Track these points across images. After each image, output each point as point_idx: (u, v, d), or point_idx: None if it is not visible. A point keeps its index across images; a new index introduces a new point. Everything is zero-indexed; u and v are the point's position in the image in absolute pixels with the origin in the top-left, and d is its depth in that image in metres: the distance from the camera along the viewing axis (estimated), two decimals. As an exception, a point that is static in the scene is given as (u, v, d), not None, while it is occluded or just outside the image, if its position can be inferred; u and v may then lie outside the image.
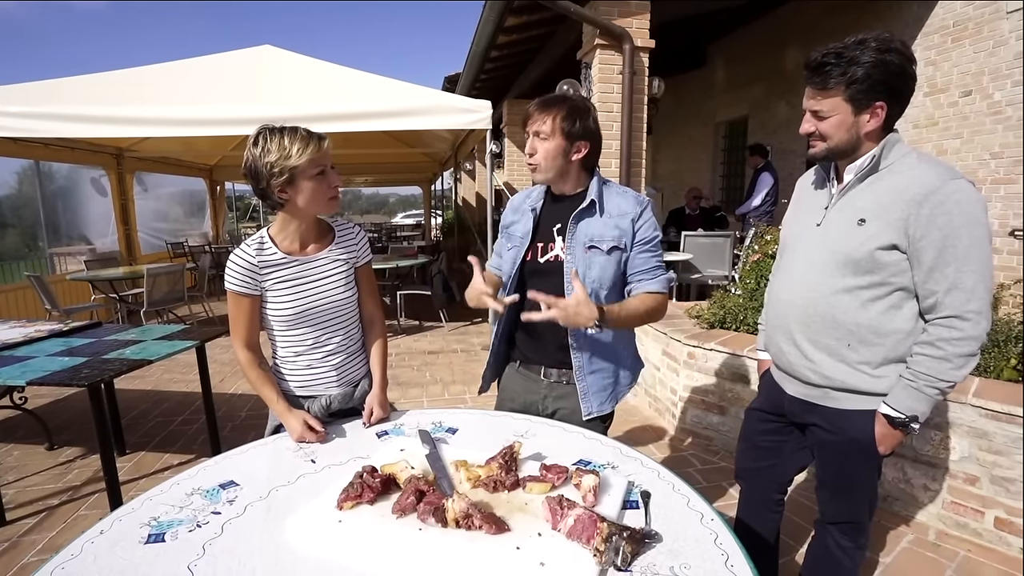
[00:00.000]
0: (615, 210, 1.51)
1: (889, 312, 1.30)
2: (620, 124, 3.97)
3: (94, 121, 4.16)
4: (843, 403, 1.38)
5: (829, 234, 1.34)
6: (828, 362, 1.37)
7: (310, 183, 1.38)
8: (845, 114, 1.26)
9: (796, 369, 1.45)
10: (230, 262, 1.42)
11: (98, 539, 1.00)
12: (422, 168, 11.37)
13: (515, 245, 1.61)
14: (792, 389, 1.50)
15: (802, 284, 1.40)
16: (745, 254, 4.09)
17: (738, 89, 7.73)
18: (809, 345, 1.40)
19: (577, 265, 1.50)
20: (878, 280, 1.28)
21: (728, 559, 0.90)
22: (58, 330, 2.86)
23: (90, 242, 8.02)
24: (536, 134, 1.46)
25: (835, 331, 1.35)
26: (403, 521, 1.01)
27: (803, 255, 1.42)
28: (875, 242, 1.25)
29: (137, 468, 2.99)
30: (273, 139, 1.34)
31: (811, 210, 1.44)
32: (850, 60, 1.21)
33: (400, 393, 4.11)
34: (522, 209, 1.63)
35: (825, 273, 1.34)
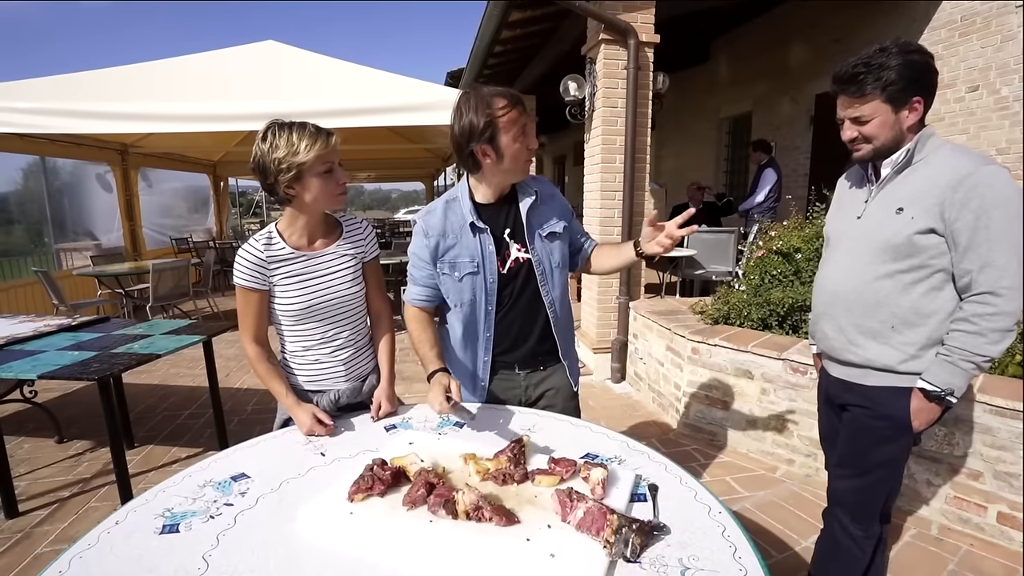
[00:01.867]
0: (546, 195, 1.59)
1: (930, 294, 1.36)
2: (624, 120, 3.95)
3: (100, 117, 4.16)
4: (882, 381, 1.44)
5: (869, 225, 1.42)
6: (872, 344, 1.44)
7: (317, 180, 1.38)
8: (886, 114, 1.34)
9: (839, 352, 1.52)
10: (239, 257, 1.43)
11: (114, 529, 1.01)
12: (425, 164, 11.37)
13: (468, 272, 1.51)
14: (835, 371, 1.57)
15: (846, 273, 1.48)
16: (749, 250, 4.08)
17: (742, 85, 7.69)
18: (853, 329, 1.46)
19: (541, 256, 1.54)
20: (918, 263, 1.35)
21: (736, 551, 0.91)
22: (67, 325, 2.89)
23: (96, 238, 8.03)
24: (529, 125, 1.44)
25: (878, 314, 1.41)
26: (414, 513, 1.02)
27: (846, 247, 1.50)
28: (913, 227, 1.32)
29: (146, 461, 3.02)
30: (281, 135, 1.35)
31: (852, 206, 1.52)
32: (880, 66, 1.30)
33: (405, 388, 4.13)
34: (453, 231, 1.50)
35: (866, 261, 1.42)
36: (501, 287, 1.53)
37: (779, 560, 2.13)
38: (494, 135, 1.37)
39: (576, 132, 4.54)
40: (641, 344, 3.93)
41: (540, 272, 1.54)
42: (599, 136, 4.05)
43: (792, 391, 2.76)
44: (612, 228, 4.13)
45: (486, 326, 1.56)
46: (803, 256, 3.31)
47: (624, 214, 4.07)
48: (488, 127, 1.36)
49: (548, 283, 1.56)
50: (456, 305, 1.56)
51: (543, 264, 1.54)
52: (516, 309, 1.56)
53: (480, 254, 1.50)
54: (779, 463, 2.85)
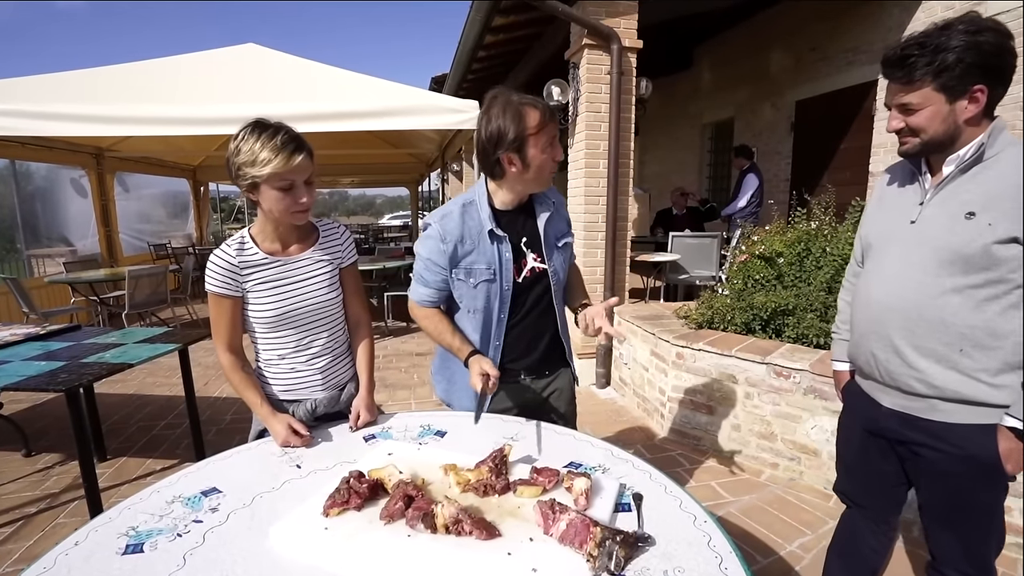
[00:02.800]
0: (559, 203, 1.60)
1: (1008, 312, 1.17)
2: (608, 124, 3.96)
3: (73, 120, 4.05)
4: (954, 416, 1.23)
5: (929, 231, 1.23)
6: (936, 370, 1.23)
7: (274, 193, 1.33)
8: (938, 104, 1.16)
9: (896, 378, 1.30)
10: (210, 263, 1.39)
11: (72, 551, 0.96)
12: (409, 169, 11.30)
13: (483, 279, 1.48)
14: (889, 401, 1.35)
15: (900, 286, 1.27)
16: (732, 255, 4.11)
17: (724, 91, 7.79)
18: (912, 351, 1.25)
19: (557, 267, 1.56)
20: (995, 277, 1.16)
21: (722, 561, 0.89)
22: (34, 333, 2.79)
23: (70, 244, 7.84)
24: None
25: (944, 335, 1.21)
26: (391, 527, 0.99)
27: (898, 255, 1.29)
28: (991, 236, 1.14)
29: (118, 474, 2.92)
30: (248, 140, 1.30)
31: (900, 207, 1.33)
32: (936, 48, 1.12)
33: (388, 395, 4.07)
34: (471, 236, 1.47)
35: (928, 272, 1.22)
36: (515, 296, 1.52)
37: (764, 565, 2.12)
38: (522, 145, 1.36)
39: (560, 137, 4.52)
40: (626, 349, 3.92)
41: (555, 282, 1.56)
42: (583, 141, 4.05)
43: (776, 395, 2.77)
44: (596, 232, 4.13)
45: (496, 334, 1.54)
46: (785, 260, 3.33)
47: (608, 219, 4.08)
48: (518, 138, 1.35)
49: (559, 294, 1.59)
50: (469, 311, 1.53)
51: (558, 274, 1.56)
52: (528, 319, 1.56)
53: (498, 261, 1.47)
54: (763, 467, 2.85)
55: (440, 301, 1.57)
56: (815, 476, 2.67)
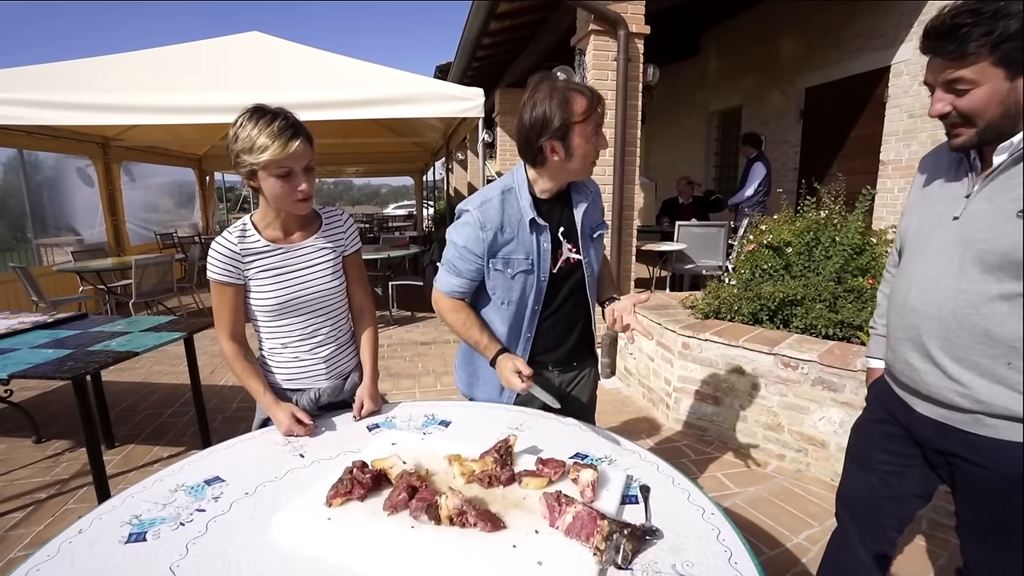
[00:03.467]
0: (595, 193, 1.56)
1: None
2: (614, 112, 3.91)
3: (78, 108, 4.05)
4: (1001, 432, 1.12)
5: (974, 229, 1.10)
6: (980, 383, 1.12)
7: (273, 180, 1.31)
8: (997, 81, 0.98)
9: (934, 390, 1.19)
10: (212, 250, 1.38)
11: (76, 539, 0.96)
12: (413, 158, 11.26)
13: (521, 270, 1.44)
14: (925, 409, 1.24)
15: (939, 290, 1.15)
16: (739, 244, 4.07)
17: (731, 79, 7.68)
18: (952, 363, 1.14)
19: (591, 259, 1.53)
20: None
21: (731, 556, 0.88)
22: (42, 322, 2.80)
23: (77, 233, 7.87)
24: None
25: (989, 347, 1.09)
26: (394, 518, 0.98)
27: (937, 255, 1.17)
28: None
29: (126, 461, 2.94)
30: (246, 127, 1.28)
31: (943, 200, 1.19)
32: (994, 14, 0.95)
33: (392, 384, 4.07)
34: (511, 225, 1.42)
35: (971, 277, 1.10)
36: (549, 287, 1.49)
37: (771, 557, 2.11)
38: (567, 133, 1.32)
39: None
40: (632, 339, 3.90)
41: (589, 274, 1.53)
42: (589, 129, 4.00)
43: (783, 386, 2.75)
44: (602, 222, 4.10)
45: (529, 326, 1.51)
46: (794, 250, 3.29)
47: (614, 207, 4.04)
48: (564, 125, 1.31)
49: (593, 285, 1.56)
50: (502, 302, 1.49)
51: (592, 266, 1.53)
52: (561, 311, 1.54)
53: (536, 252, 1.44)
54: (770, 458, 2.84)
55: (470, 293, 1.51)
56: (822, 468, 2.66)
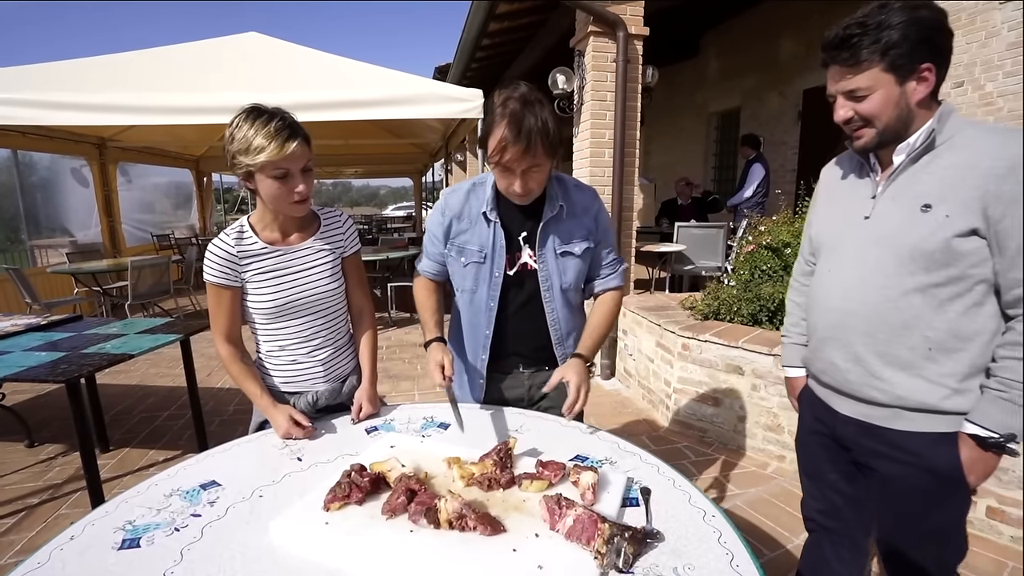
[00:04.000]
0: (579, 208, 1.47)
1: (971, 311, 1.09)
2: (614, 113, 3.91)
3: (74, 108, 4.02)
4: (918, 424, 1.15)
5: (885, 227, 1.14)
6: (902, 378, 1.14)
7: (270, 182, 1.28)
8: (888, 86, 1.07)
9: (855, 387, 1.22)
10: (209, 252, 1.36)
11: (68, 545, 0.94)
12: (412, 159, 11.25)
13: (473, 260, 1.46)
14: (847, 408, 1.26)
15: (860, 288, 1.18)
16: (738, 245, 4.06)
17: (730, 80, 7.69)
18: (877, 360, 1.17)
19: (550, 272, 1.47)
20: (956, 274, 1.07)
21: (733, 558, 0.87)
22: (35, 324, 2.77)
23: (72, 234, 7.83)
24: (527, 172, 1.30)
25: (909, 339, 1.12)
26: (393, 522, 0.96)
27: (854, 255, 1.20)
28: (950, 229, 1.05)
29: (121, 465, 2.92)
30: (243, 127, 1.26)
31: (852, 203, 1.23)
32: (878, 25, 1.05)
33: (391, 386, 4.06)
34: (469, 215, 1.46)
35: (887, 272, 1.13)
36: (506, 287, 1.47)
37: (771, 558, 2.10)
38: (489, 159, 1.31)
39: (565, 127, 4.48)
40: (631, 340, 3.89)
41: (546, 288, 1.48)
42: (588, 130, 4.00)
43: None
44: (601, 223, 4.08)
45: (487, 322, 1.50)
46: (792, 251, 3.28)
47: (614, 209, 4.03)
48: (485, 153, 1.31)
49: (553, 301, 1.49)
50: (459, 290, 1.54)
51: (550, 280, 1.48)
52: (523, 313, 1.50)
53: (491, 246, 1.45)
54: (770, 459, 2.83)
55: (439, 276, 1.59)
56: (822, 469, 2.65)
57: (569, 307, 1.54)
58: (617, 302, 1.57)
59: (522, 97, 1.26)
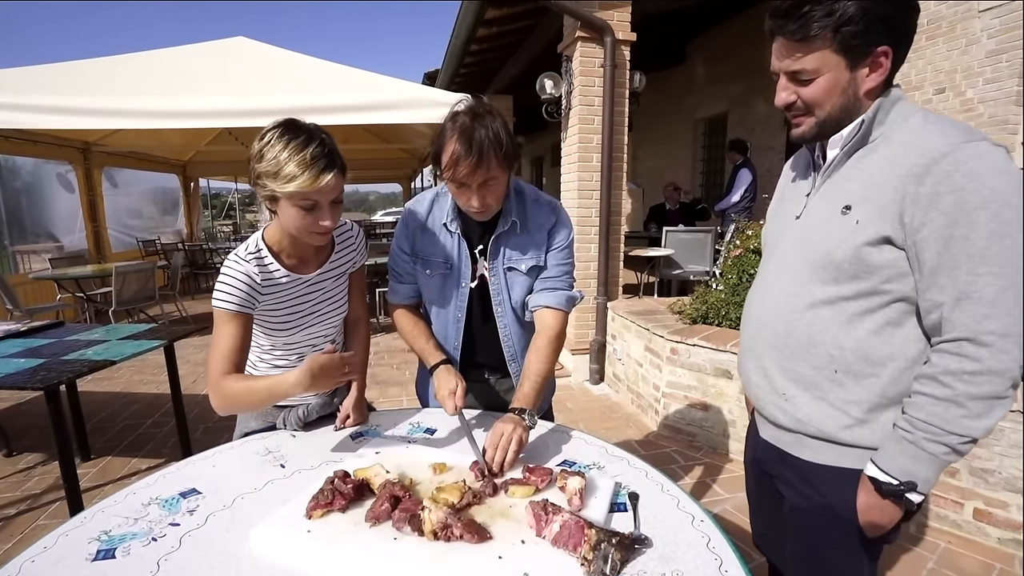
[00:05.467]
0: (532, 224, 1.41)
1: (884, 331, 0.95)
2: (601, 118, 3.93)
3: (58, 112, 3.96)
4: (820, 455, 1.03)
5: (808, 229, 1.03)
6: (803, 399, 1.03)
7: (294, 211, 1.17)
8: (837, 70, 0.93)
9: (764, 406, 1.11)
10: (227, 276, 1.23)
11: (40, 557, 0.91)
12: (401, 164, 11.23)
13: (439, 272, 1.43)
14: (765, 432, 1.15)
15: (773, 295, 1.08)
16: (726, 249, 4.09)
17: (717, 86, 7.77)
18: (780, 375, 1.06)
19: (500, 287, 1.44)
20: (867, 288, 0.95)
21: (722, 564, 0.86)
22: (15, 330, 2.72)
23: (57, 239, 7.71)
24: (483, 186, 1.25)
25: (812, 357, 1.01)
26: (377, 530, 0.94)
27: (779, 257, 1.10)
28: (861, 236, 0.92)
29: (102, 474, 2.86)
30: (275, 147, 1.13)
31: (791, 199, 1.12)
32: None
33: (379, 392, 4.02)
34: (433, 226, 1.43)
35: (799, 280, 1.02)
36: (471, 299, 1.45)
37: (760, 563, 2.09)
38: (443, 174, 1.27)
39: (554, 133, 4.50)
40: (620, 345, 3.90)
41: (497, 303, 1.45)
42: (576, 135, 4.01)
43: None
44: (590, 227, 4.09)
45: (456, 334, 1.48)
46: (780, 255, 3.31)
47: (602, 213, 4.04)
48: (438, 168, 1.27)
49: (504, 316, 1.47)
50: (429, 303, 1.50)
51: (501, 295, 1.45)
52: (489, 324, 1.48)
53: (456, 257, 1.42)
54: (758, 463, 2.83)
55: (415, 298, 1.52)
56: (810, 472, 2.66)
57: (521, 324, 1.49)
58: (554, 331, 1.39)
59: (471, 111, 1.23)
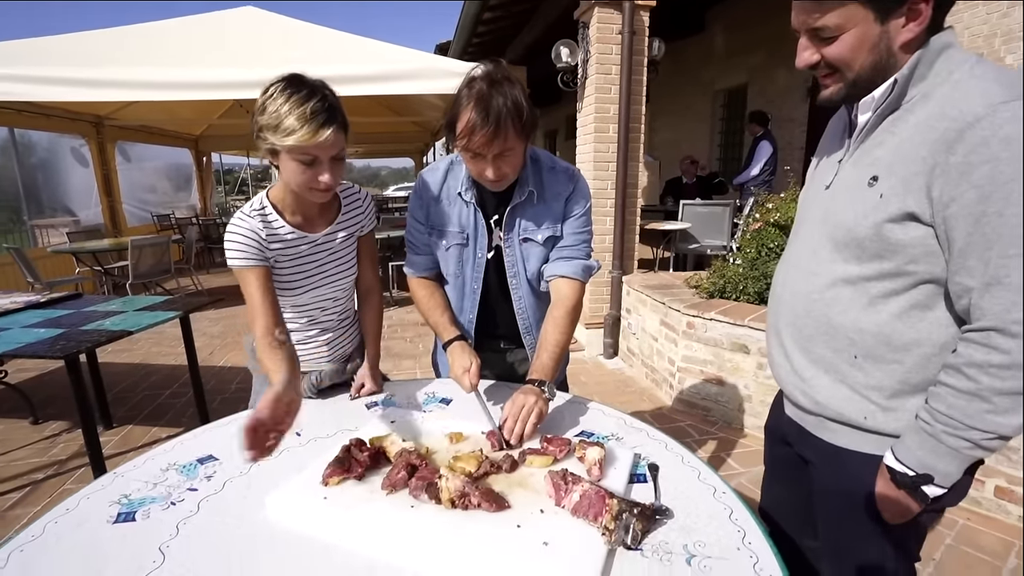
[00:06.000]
0: (549, 193, 1.35)
1: (910, 315, 0.87)
2: (619, 87, 3.81)
3: (68, 84, 3.94)
4: (840, 439, 0.99)
5: (834, 200, 0.95)
6: (823, 382, 0.98)
7: (294, 165, 1.16)
8: (865, 25, 0.81)
9: (786, 385, 1.07)
10: (232, 234, 1.23)
11: (63, 518, 0.92)
12: (413, 138, 11.11)
13: (456, 243, 1.39)
14: (789, 409, 1.12)
15: (794, 271, 1.03)
16: (745, 223, 4.00)
17: (737, 56, 7.51)
18: (801, 356, 1.01)
19: (515, 259, 1.40)
20: (891, 268, 0.86)
21: (745, 536, 0.84)
22: (35, 301, 2.75)
23: (74, 214, 7.79)
24: (499, 156, 1.18)
25: (832, 339, 0.95)
26: (393, 498, 0.93)
27: (805, 231, 1.03)
28: (883, 212, 0.84)
29: (124, 442, 2.92)
30: (276, 100, 1.12)
31: (826, 166, 1.03)
32: None
33: (393, 365, 4.04)
34: (448, 196, 1.37)
35: (822, 256, 0.95)
36: (486, 270, 1.41)
37: (775, 536, 2.09)
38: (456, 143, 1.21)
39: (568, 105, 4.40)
40: (634, 319, 3.86)
41: (512, 275, 1.41)
42: (592, 104, 3.91)
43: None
44: (605, 200, 4.02)
45: (471, 306, 1.45)
46: (801, 228, 3.23)
47: (618, 186, 3.96)
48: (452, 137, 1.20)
49: (519, 288, 1.42)
50: (446, 275, 1.47)
51: (516, 266, 1.40)
52: (501, 297, 1.45)
53: (472, 226, 1.37)
54: (774, 438, 2.81)
55: (432, 269, 1.47)
56: (827, 447, 2.63)
57: (536, 296, 1.45)
58: (571, 301, 1.34)
59: (488, 76, 1.15)
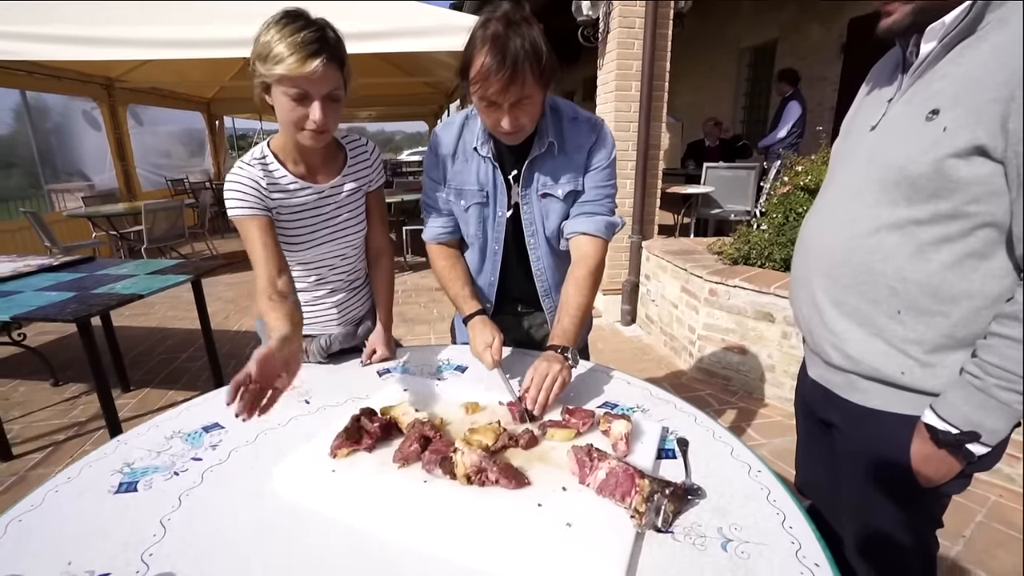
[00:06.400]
0: (571, 145, 1.25)
1: (964, 264, 0.80)
2: (642, 42, 3.60)
3: (78, 43, 3.85)
4: (873, 399, 0.92)
5: (883, 139, 0.87)
6: (856, 335, 0.91)
7: (284, 100, 1.09)
8: None
9: (816, 342, 1.00)
10: (230, 183, 1.17)
11: (63, 487, 0.88)
12: (426, 100, 10.84)
13: (475, 202, 1.30)
14: (813, 371, 1.05)
15: (832, 218, 0.94)
16: (772, 187, 3.83)
17: (767, 11, 7.10)
18: (832, 308, 0.93)
19: (534, 216, 1.30)
20: (947, 210, 0.78)
21: (785, 519, 0.77)
22: (48, 265, 2.73)
23: (88, 178, 7.79)
24: (516, 105, 1.09)
25: (871, 289, 0.87)
26: (405, 471, 0.88)
27: (843, 175, 0.94)
28: (946, 145, 0.76)
29: (141, 405, 2.95)
30: (270, 31, 1.06)
31: (868, 108, 0.95)
32: None
33: (407, 330, 4.02)
34: (464, 152, 1.29)
35: (866, 201, 0.87)
36: (507, 229, 1.33)
37: (797, 508, 2.04)
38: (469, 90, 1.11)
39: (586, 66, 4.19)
40: (654, 286, 3.76)
41: (530, 233, 1.32)
42: (614, 61, 3.71)
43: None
44: (626, 162, 3.86)
45: (493, 268, 1.37)
46: (832, 192, 3.07)
47: (639, 147, 3.80)
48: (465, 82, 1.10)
49: (538, 248, 1.34)
50: (465, 236, 1.38)
51: (534, 224, 1.32)
52: (519, 258, 1.37)
53: (491, 184, 1.28)
54: (796, 409, 2.74)
55: (453, 233, 1.38)
56: (852, 419, 2.55)
57: (555, 255, 1.37)
58: (593, 260, 1.26)
59: (505, 16, 1.05)
